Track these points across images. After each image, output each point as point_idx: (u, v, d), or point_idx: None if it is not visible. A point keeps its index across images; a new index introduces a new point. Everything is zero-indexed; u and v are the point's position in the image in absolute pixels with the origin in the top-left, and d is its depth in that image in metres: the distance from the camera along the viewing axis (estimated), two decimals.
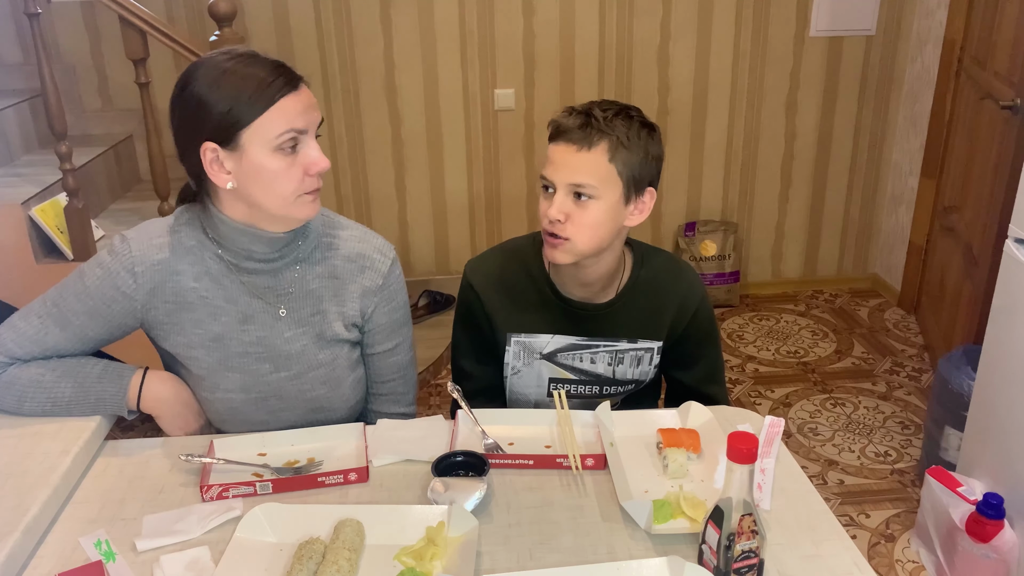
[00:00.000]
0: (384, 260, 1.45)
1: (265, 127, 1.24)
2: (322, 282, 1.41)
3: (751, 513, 0.98)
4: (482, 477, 1.20)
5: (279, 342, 1.40)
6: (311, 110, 1.28)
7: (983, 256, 2.68)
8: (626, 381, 1.59)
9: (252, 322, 1.38)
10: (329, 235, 1.43)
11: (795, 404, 2.97)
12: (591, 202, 1.37)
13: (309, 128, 1.28)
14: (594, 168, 1.36)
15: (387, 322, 1.48)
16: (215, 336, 1.37)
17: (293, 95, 1.25)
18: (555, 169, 1.38)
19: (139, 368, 1.39)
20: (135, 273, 1.33)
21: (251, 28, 3.29)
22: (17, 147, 2.91)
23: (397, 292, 1.48)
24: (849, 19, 3.49)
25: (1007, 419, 1.98)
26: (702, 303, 1.57)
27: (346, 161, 3.53)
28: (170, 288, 1.35)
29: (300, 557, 1.05)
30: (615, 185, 1.38)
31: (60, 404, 1.36)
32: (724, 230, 3.66)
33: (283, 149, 1.25)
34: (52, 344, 1.36)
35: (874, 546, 2.28)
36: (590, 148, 1.36)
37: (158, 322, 1.37)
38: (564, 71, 3.47)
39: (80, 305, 1.34)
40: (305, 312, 1.40)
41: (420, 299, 3.48)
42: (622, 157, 1.37)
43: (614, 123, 1.36)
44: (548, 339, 1.55)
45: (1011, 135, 2.52)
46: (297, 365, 1.41)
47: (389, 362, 1.51)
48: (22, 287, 2.43)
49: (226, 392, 1.40)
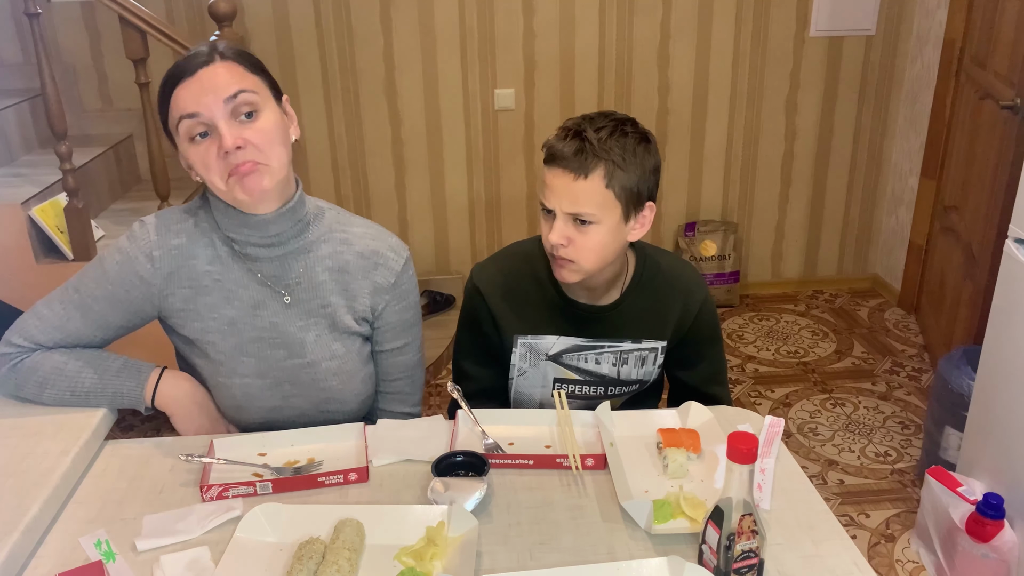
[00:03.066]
0: (398, 259, 1.45)
1: (172, 120, 1.28)
2: (331, 275, 1.41)
3: (751, 513, 0.98)
4: (482, 477, 1.20)
5: (292, 329, 1.40)
6: (209, 91, 1.23)
7: (983, 256, 2.68)
8: (630, 381, 1.60)
9: (264, 308, 1.39)
10: (343, 230, 1.43)
11: (795, 404, 2.97)
12: (592, 227, 1.38)
13: (203, 110, 1.23)
14: (591, 196, 1.36)
15: (398, 321, 1.48)
16: (230, 321, 1.38)
17: (185, 83, 1.24)
18: (553, 197, 1.38)
19: (157, 366, 1.42)
20: (153, 258, 1.34)
21: (251, 28, 3.29)
22: (17, 147, 2.91)
23: (409, 292, 1.49)
24: (849, 19, 3.49)
25: (1007, 419, 1.98)
26: (706, 303, 1.58)
27: (346, 161, 3.53)
28: (186, 273, 1.36)
29: (300, 557, 1.05)
30: (614, 208, 1.38)
31: (79, 394, 1.37)
32: (724, 230, 3.66)
33: (192, 137, 1.26)
34: (74, 330, 1.37)
35: (874, 546, 2.28)
36: (587, 176, 1.35)
37: (175, 310, 1.38)
38: (564, 71, 3.47)
39: (100, 291, 1.36)
40: (314, 304, 1.41)
41: (420, 299, 3.48)
42: (619, 180, 1.36)
43: (609, 145, 1.35)
44: (554, 340, 1.56)
45: (1011, 135, 2.52)
46: (311, 354, 1.42)
47: (397, 361, 1.52)
48: (22, 287, 2.43)
49: (243, 377, 1.41)
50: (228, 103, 1.24)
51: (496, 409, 1.42)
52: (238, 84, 1.25)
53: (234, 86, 1.24)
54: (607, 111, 1.43)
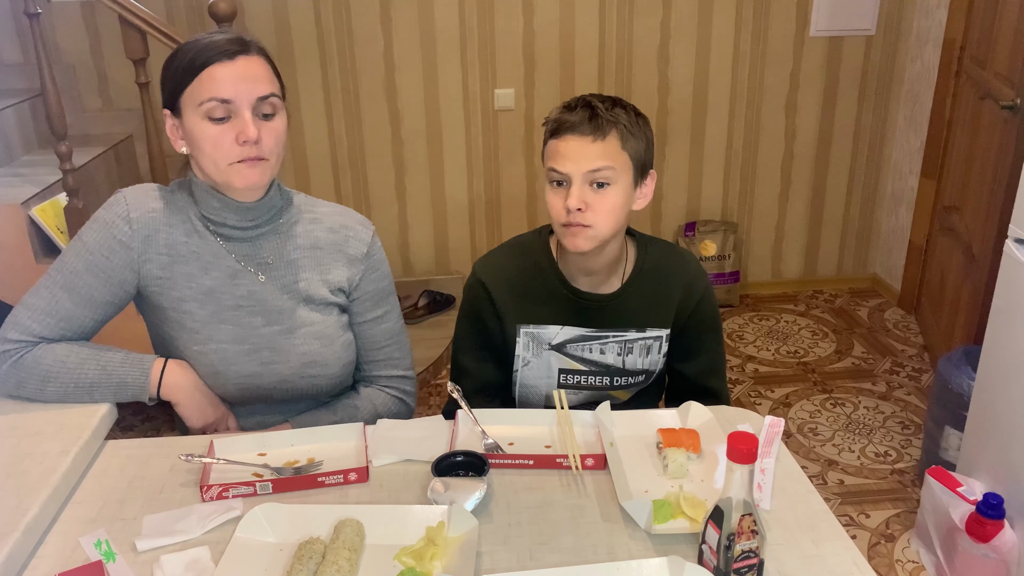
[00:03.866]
0: (366, 231, 1.52)
1: (194, 94, 1.31)
2: (303, 252, 1.47)
3: (751, 513, 0.98)
4: (482, 477, 1.20)
5: (269, 298, 1.44)
6: (245, 81, 1.30)
7: (983, 256, 2.68)
8: (636, 371, 1.60)
9: (241, 278, 1.43)
10: (311, 211, 1.50)
11: (795, 404, 2.97)
12: (609, 188, 1.42)
13: (236, 99, 1.30)
14: (609, 154, 1.42)
15: (374, 290, 1.53)
16: (207, 290, 1.41)
17: (224, 64, 1.30)
18: (570, 161, 1.42)
19: (159, 357, 1.43)
20: (130, 220, 1.37)
21: (251, 28, 3.28)
22: (17, 147, 2.91)
23: (381, 262, 1.55)
24: (849, 19, 3.49)
25: (1007, 419, 1.98)
26: (707, 290, 1.60)
27: (346, 161, 3.53)
28: (164, 239, 1.39)
29: (300, 557, 1.05)
30: (627, 170, 1.44)
31: (83, 387, 1.38)
32: (724, 230, 3.66)
33: (213, 116, 1.30)
34: (64, 312, 1.38)
35: (874, 546, 2.28)
36: (604, 137, 1.41)
37: (153, 277, 1.40)
38: (564, 71, 3.47)
39: (81, 263, 1.37)
40: (288, 280, 1.45)
41: (420, 299, 3.48)
42: (631, 144, 1.43)
43: (616, 113, 1.43)
44: (557, 330, 1.57)
45: (1011, 135, 2.52)
46: (289, 321, 1.45)
47: (381, 328, 1.56)
48: (22, 287, 2.40)
49: (219, 343, 1.42)
50: (260, 101, 1.32)
51: (496, 409, 1.43)
52: (270, 86, 1.34)
53: (268, 87, 1.33)
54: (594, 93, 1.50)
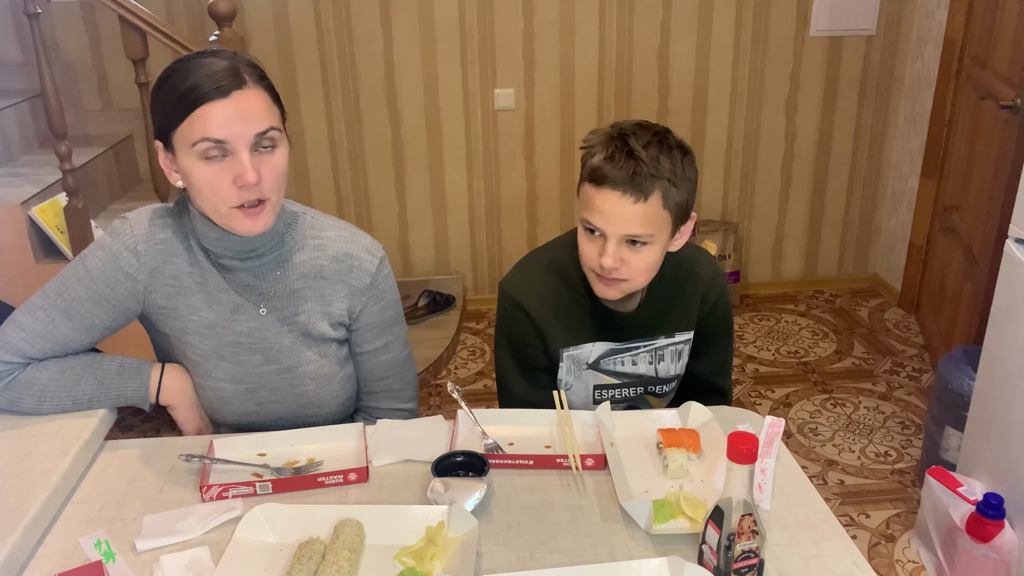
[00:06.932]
0: (372, 260, 1.43)
1: (186, 134, 1.22)
2: (306, 282, 1.40)
3: (751, 513, 0.98)
4: (482, 477, 1.20)
5: (269, 335, 1.40)
6: (242, 120, 1.21)
7: (983, 256, 2.68)
8: (669, 378, 1.60)
9: (242, 312, 1.39)
10: (316, 236, 1.42)
11: (795, 404, 2.97)
12: (646, 247, 1.37)
13: (232, 139, 1.21)
14: (650, 218, 1.34)
15: (376, 321, 1.46)
16: (209, 323, 1.38)
17: (218, 103, 1.19)
18: (607, 220, 1.35)
19: (155, 363, 1.42)
20: (137, 252, 1.33)
21: (251, 28, 3.29)
22: (17, 147, 2.91)
23: (386, 291, 1.46)
24: (849, 19, 3.49)
25: (1007, 419, 1.98)
26: (724, 291, 1.59)
27: (346, 161, 3.53)
28: (169, 270, 1.35)
29: (300, 557, 1.05)
30: (668, 226, 1.38)
31: (81, 401, 1.37)
32: (724, 230, 3.66)
33: (208, 157, 1.22)
34: (61, 337, 1.35)
35: (874, 546, 2.28)
36: (646, 199, 1.33)
37: (157, 306, 1.37)
38: (564, 71, 3.47)
39: (84, 291, 1.33)
40: (288, 312, 1.40)
41: (420, 299, 3.48)
42: (674, 198, 1.35)
43: (660, 163, 1.33)
44: (591, 348, 1.55)
45: (1011, 135, 2.52)
46: (287, 359, 1.41)
47: (381, 360, 1.50)
48: (22, 287, 2.43)
49: (217, 381, 1.40)
50: (257, 137, 1.23)
51: (496, 409, 1.42)
52: (268, 120, 1.24)
53: (266, 121, 1.23)
54: (639, 121, 1.41)
